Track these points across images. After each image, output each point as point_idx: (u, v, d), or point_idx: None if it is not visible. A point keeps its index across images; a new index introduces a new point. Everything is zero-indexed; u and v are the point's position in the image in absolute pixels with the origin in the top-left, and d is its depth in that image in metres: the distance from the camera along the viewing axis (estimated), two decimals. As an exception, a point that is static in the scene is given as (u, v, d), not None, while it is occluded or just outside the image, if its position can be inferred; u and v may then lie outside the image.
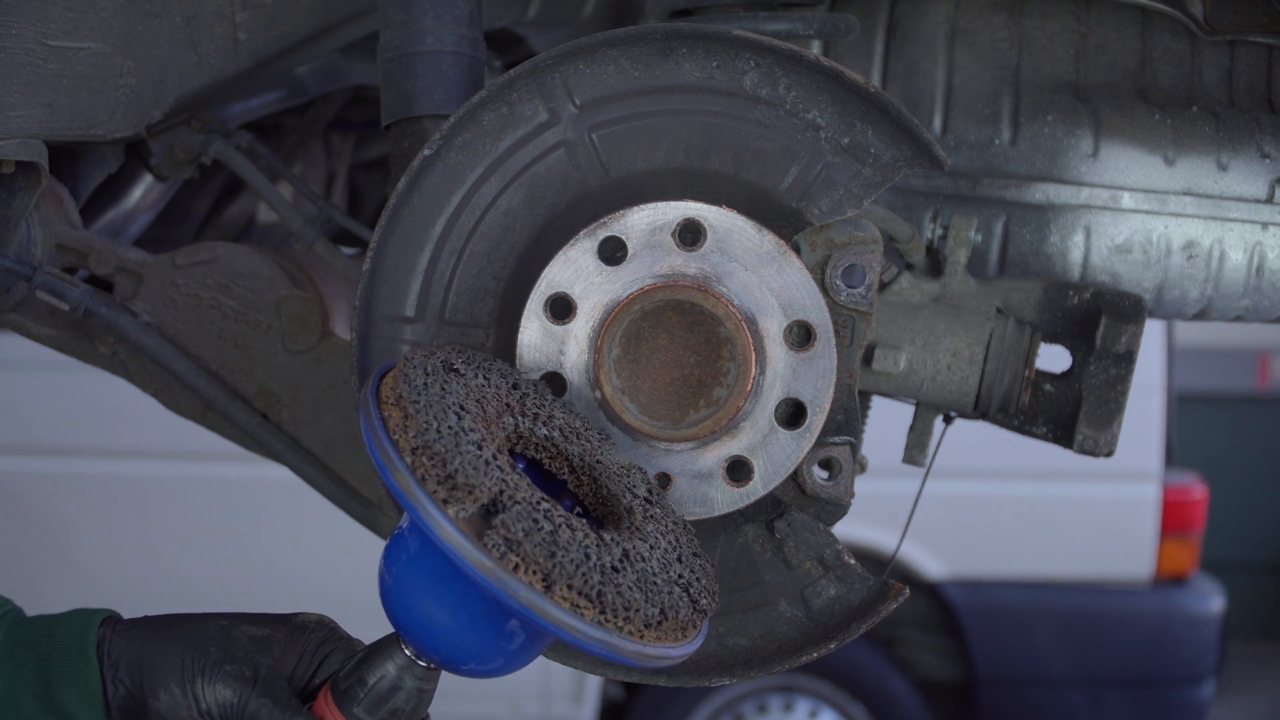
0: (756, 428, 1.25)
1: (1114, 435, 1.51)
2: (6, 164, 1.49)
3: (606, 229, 1.24)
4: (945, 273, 1.53)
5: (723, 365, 1.24)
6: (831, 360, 1.24)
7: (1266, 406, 8.10)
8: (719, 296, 1.23)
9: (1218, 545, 6.53)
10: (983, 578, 5.08)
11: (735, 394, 1.23)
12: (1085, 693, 5.06)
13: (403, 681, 1.16)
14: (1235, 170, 1.63)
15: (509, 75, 1.26)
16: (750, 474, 1.25)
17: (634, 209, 1.24)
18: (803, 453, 1.25)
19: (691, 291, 1.23)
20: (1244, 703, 6.94)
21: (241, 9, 1.65)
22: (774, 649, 1.32)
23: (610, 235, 1.24)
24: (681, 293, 1.23)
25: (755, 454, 1.25)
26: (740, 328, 1.23)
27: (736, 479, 1.26)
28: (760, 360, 1.24)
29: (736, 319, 1.23)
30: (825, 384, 1.24)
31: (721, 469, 1.25)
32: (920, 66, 1.68)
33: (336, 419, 1.72)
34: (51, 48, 1.44)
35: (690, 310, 1.24)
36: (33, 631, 1.20)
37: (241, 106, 1.97)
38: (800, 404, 1.24)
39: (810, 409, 1.24)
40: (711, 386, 1.24)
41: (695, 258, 1.24)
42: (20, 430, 5.04)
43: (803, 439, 1.25)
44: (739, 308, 1.23)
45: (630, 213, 1.24)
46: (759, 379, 1.24)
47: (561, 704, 5.15)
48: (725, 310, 1.23)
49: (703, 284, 1.23)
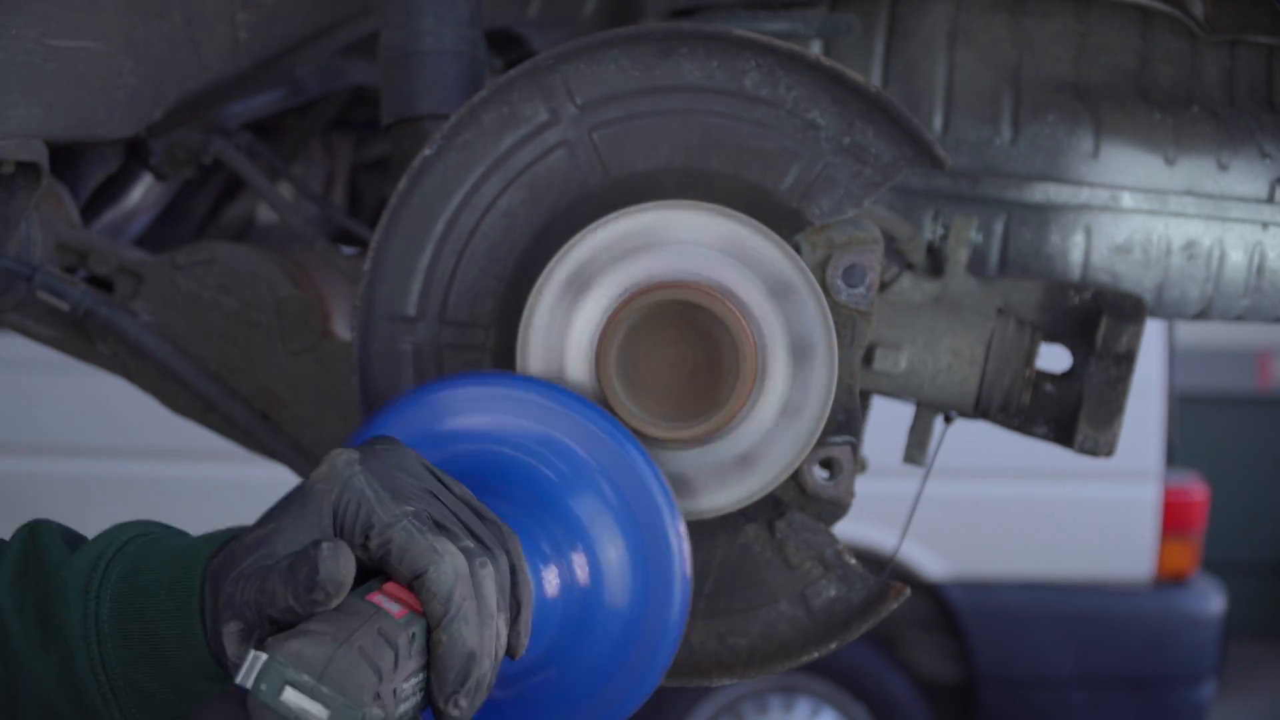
0: (759, 427, 1.25)
1: (1114, 435, 1.51)
2: (6, 164, 1.49)
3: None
4: (946, 272, 1.53)
5: (725, 364, 1.24)
6: (832, 358, 1.24)
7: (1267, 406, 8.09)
8: (718, 296, 1.23)
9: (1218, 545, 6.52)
10: (983, 578, 5.07)
11: (738, 393, 1.23)
12: (1086, 693, 5.06)
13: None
14: (1236, 170, 1.63)
15: (509, 75, 1.27)
16: (753, 473, 1.26)
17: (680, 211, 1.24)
18: (804, 452, 1.25)
19: (692, 291, 1.23)
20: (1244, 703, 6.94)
21: (241, 9, 1.64)
22: (774, 649, 1.32)
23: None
24: (683, 292, 1.23)
25: (757, 454, 1.25)
26: (741, 327, 1.23)
27: (739, 478, 1.26)
28: (762, 360, 1.24)
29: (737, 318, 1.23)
30: (826, 383, 1.24)
31: (724, 468, 1.26)
32: (920, 66, 1.68)
33: (337, 419, 1.72)
34: (51, 48, 1.44)
35: (691, 310, 1.24)
36: (143, 589, 1.04)
37: (241, 106, 1.97)
38: (801, 404, 1.24)
39: (811, 409, 1.24)
40: (714, 386, 1.24)
41: (695, 257, 1.24)
42: (21, 430, 5.04)
43: (803, 439, 1.25)
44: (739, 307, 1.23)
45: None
46: (761, 379, 1.24)
47: (562, 704, 5.14)
48: (725, 309, 1.23)
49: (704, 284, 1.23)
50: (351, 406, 1.63)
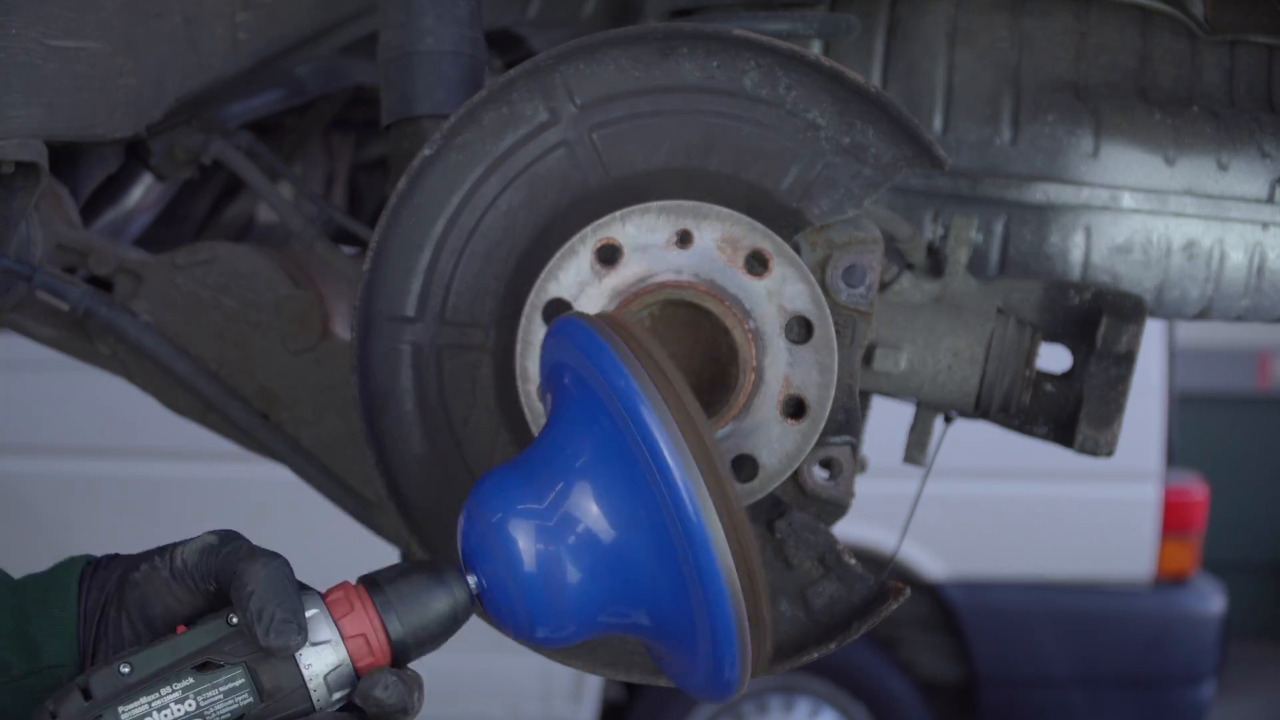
0: (758, 427, 1.25)
1: (1114, 435, 1.51)
2: (6, 164, 1.49)
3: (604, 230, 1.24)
4: (946, 272, 1.53)
5: (724, 364, 1.24)
6: (832, 358, 1.24)
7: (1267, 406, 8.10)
8: (717, 296, 1.23)
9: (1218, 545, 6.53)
10: (983, 578, 5.08)
11: (737, 392, 1.23)
12: (1086, 693, 5.06)
13: (454, 616, 1.07)
14: (1236, 170, 1.63)
15: (509, 75, 1.26)
16: (754, 473, 1.26)
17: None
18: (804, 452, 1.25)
19: (692, 291, 1.23)
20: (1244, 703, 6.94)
21: (241, 9, 1.64)
22: (774, 649, 1.32)
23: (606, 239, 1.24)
24: (682, 293, 1.23)
25: (758, 453, 1.25)
26: (740, 326, 1.23)
27: (740, 478, 1.26)
28: (761, 359, 1.24)
29: (736, 317, 1.23)
30: (826, 383, 1.24)
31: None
32: (920, 66, 1.68)
33: (336, 419, 1.72)
34: (51, 48, 1.43)
35: (691, 310, 1.24)
36: (16, 582, 1.14)
37: (241, 106, 1.97)
38: (802, 403, 1.24)
39: (811, 408, 1.24)
40: (713, 386, 1.24)
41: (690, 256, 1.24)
42: (21, 430, 5.04)
43: (803, 438, 1.25)
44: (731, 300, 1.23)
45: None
46: (760, 378, 1.24)
47: (561, 704, 5.15)
48: (724, 309, 1.23)
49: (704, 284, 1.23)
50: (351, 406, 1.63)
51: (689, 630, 1.03)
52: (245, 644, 1.01)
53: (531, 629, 1.07)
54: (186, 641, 1.02)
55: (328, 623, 1.03)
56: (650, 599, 1.04)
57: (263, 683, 1.01)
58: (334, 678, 1.03)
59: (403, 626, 1.05)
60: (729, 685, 1.03)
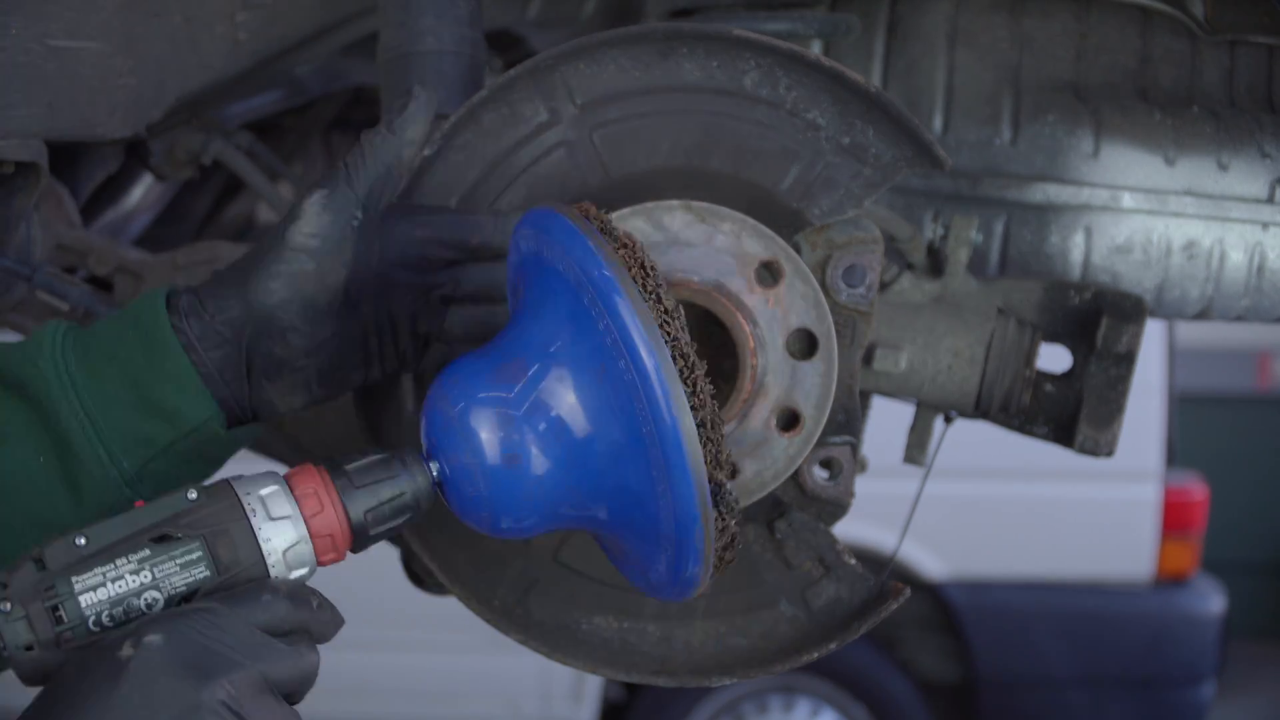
0: (759, 426, 1.25)
1: (1115, 435, 1.51)
2: (6, 164, 1.49)
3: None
4: (946, 273, 1.53)
5: (725, 365, 1.24)
6: (832, 359, 1.24)
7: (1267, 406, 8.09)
8: (717, 296, 1.23)
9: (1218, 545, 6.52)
10: (983, 578, 5.08)
11: (738, 392, 1.23)
12: (1086, 693, 5.06)
13: (415, 503, 1.07)
14: (1236, 170, 1.63)
15: (509, 75, 1.26)
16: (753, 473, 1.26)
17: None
18: (804, 452, 1.25)
19: (691, 292, 1.23)
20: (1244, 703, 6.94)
21: (241, 9, 1.64)
22: (774, 649, 1.32)
23: None
24: (682, 293, 1.23)
25: (758, 453, 1.25)
26: (741, 326, 1.23)
27: (737, 479, 1.26)
28: (761, 359, 1.24)
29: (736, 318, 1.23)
30: (826, 383, 1.24)
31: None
32: (920, 66, 1.68)
33: (337, 419, 1.72)
34: (51, 48, 1.44)
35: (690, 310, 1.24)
36: (104, 337, 1.13)
37: (241, 106, 1.97)
38: (796, 415, 1.24)
39: (811, 408, 1.24)
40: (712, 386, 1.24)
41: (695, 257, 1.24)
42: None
43: (803, 438, 1.25)
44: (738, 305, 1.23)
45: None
46: (760, 378, 1.24)
47: (561, 704, 5.15)
48: (724, 309, 1.23)
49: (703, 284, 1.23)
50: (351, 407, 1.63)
51: (652, 522, 1.01)
52: (204, 517, 1.00)
53: (495, 520, 1.05)
54: (144, 514, 1.00)
55: (288, 499, 1.03)
56: (615, 489, 1.03)
57: (220, 556, 1.00)
58: (292, 555, 1.02)
59: (362, 508, 1.05)
60: (690, 581, 1.02)
